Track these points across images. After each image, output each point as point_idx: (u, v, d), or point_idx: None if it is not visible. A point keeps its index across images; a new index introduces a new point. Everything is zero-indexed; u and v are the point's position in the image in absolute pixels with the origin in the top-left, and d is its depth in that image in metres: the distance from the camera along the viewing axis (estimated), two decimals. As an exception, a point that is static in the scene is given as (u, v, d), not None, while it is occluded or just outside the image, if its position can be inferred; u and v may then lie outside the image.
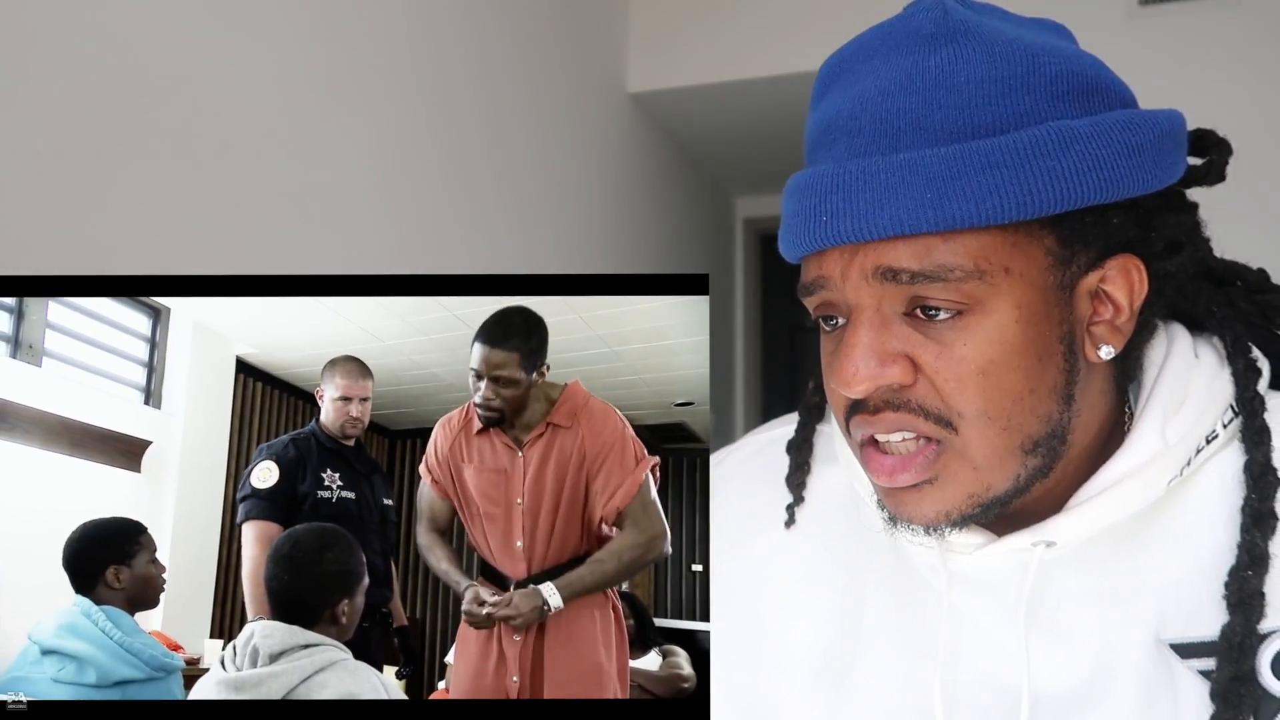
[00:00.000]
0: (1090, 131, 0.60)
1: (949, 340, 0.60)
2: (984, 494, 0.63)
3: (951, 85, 0.60)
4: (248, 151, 1.58)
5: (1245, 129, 2.72)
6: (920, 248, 0.59)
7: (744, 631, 0.78)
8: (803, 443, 0.79)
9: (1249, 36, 2.53)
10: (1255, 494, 0.64)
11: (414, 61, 2.02)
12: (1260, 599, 0.62)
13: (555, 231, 2.57)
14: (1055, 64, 0.61)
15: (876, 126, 0.61)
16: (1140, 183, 0.61)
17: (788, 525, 0.78)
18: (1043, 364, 0.61)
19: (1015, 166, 0.58)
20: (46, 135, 1.24)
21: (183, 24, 1.45)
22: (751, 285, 4.22)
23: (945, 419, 0.61)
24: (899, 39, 0.63)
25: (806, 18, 2.79)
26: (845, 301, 0.63)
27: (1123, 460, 0.65)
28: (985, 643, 0.68)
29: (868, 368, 0.61)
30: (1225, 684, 0.62)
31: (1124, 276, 0.63)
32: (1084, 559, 0.67)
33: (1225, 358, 0.68)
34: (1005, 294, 0.60)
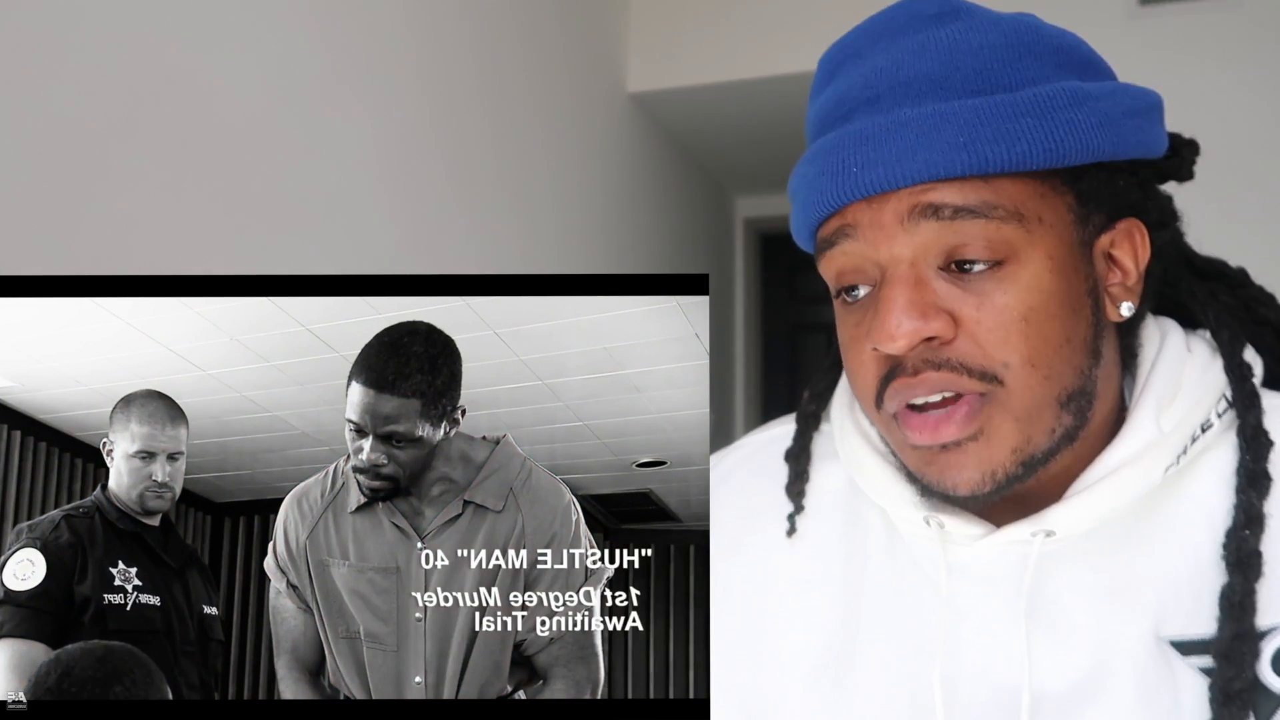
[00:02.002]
0: (1098, 92, 0.64)
1: (988, 291, 0.62)
2: (1026, 448, 0.63)
3: (966, 49, 0.64)
4: (247, 151, 1.61)
5: (1245, 129, 2.73)
6: (962, 185, 0.62)
7: (744, 630, 0.78)
8: (800, 451, 0.80)
9: (1249, 36, 2.61)
10: (1249, 455, 0.66)
11: (414, 62, 2.07)
12: (1258, 558, 0.63)
13: (555, 231, 2.59)
14: (1054, 38, 0.66)
15: (896, 91, 0.64)
16: (1141, 145, 0.66)
17: (789, 535, 0.78)
18: (1076, 315, 0.64)
19: (1038, 116, 0.62)
20: (46, 135, 1.26)
21: (183, 23, 1.48)
22: (751, 285, 4.26)
23: (989, 372, 0.62)
24: (903, 21, 0.66)
25: (806, 18, 2.89)
26: (876, 259, 0.64)
27: (1119, 449, 0.66)
28: (985, 637, 0.69)
29: (910, 320, 0.61)
30: (1227, 644, 0.63)
31: (1129, 240, 0.67)
32: (1083, 554, 0.68)
33: (1215, 348, 0.71)
34: (1039, 244, 0.62)
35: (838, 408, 0.78)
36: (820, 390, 0.82)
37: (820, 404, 0.81)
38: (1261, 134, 2.53)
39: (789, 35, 2.87)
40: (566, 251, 2.62)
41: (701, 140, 3.53)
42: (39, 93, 1.24)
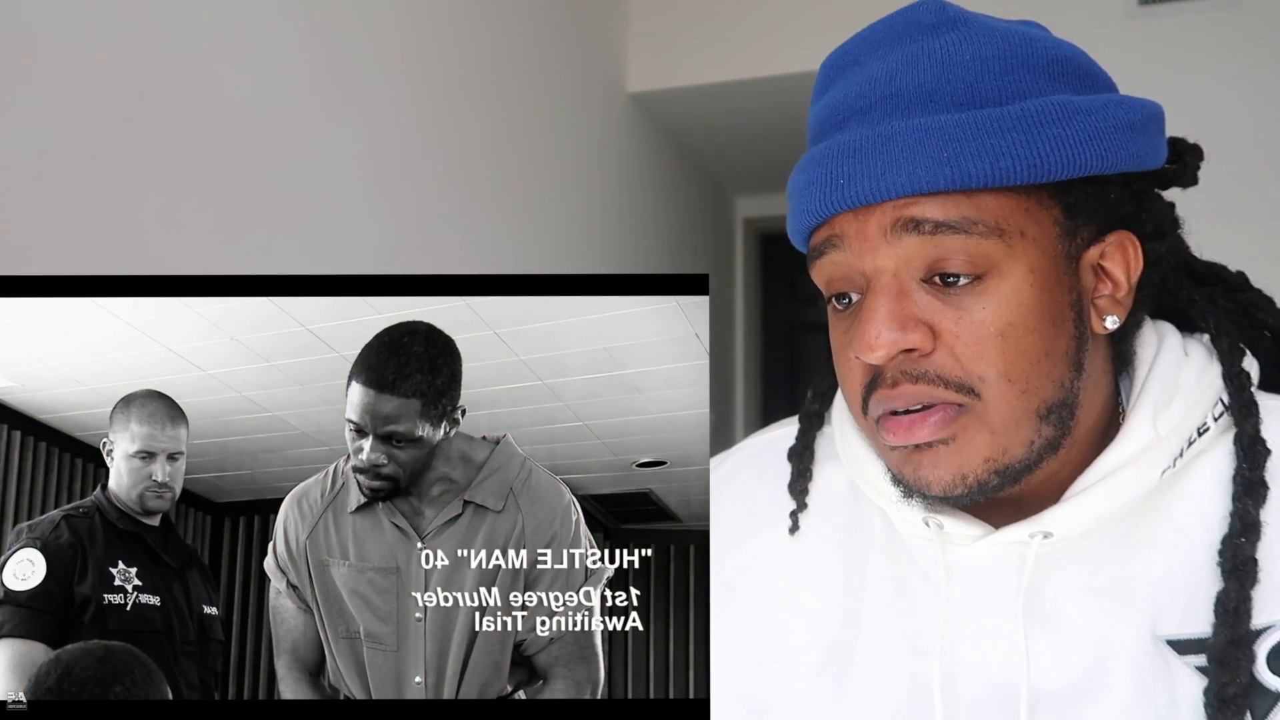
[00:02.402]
0: (1089, 106, 0.64)
1: (968, 305, 0.63)
2: (1000, 459, 0.64)
3: (958, 61, 0.64)
4: (247, 151, 1.61)
5: (1245, 129, 2.72)
6: (944, 200, 0.62)
7: (745, 630, 0.78)
8: (804, 450, 0.80)
9: (1249, 36, 2.60)
10: (1246, 463, 0.66)
11: (414, 62, 2.07)
12: (1253, 565, 0.64)
13: (554, 232, 2.59)
14: (1051, 49, 0.66)
15: (887, 102, 0.65)
16: (1133, 159, 0.66)
17: (792, 532, 0.79)
18: (1056, 329, 0.64)
19: (1025, 131, 0.62)
20: (44, 135, 1.26)
21: (183, 22, 1.48)
22: (751, 285, 4.26)
23: (966, 385, 0.63)
24: (901, 30, 0.67)
25: (806, 18, 2.89)
26: (861, 270, 0.65)
27: (1117, 451, 0.67)
28: (983, 637, 0.70)
29: (889, 332, 0.62)
30: (1222, 649, 0.63)
31: (1120, 252, 0.67)
32: (1081, 555, 0.68)
33: (1212, 352, 0.71)
34: (1020, 258, 0.63)
35: (839, 409, 0.78)
36: (823, 390, 0.82)
37: (824, 403, 0.82)
38: (1260, 134, 2.52)
39: (789, 35, 2.87)
40: (566, 252, 2.62)
41: (701, 140, 3.53)
42: (38, 93, 1.24)
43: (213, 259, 1.48)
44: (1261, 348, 0.74)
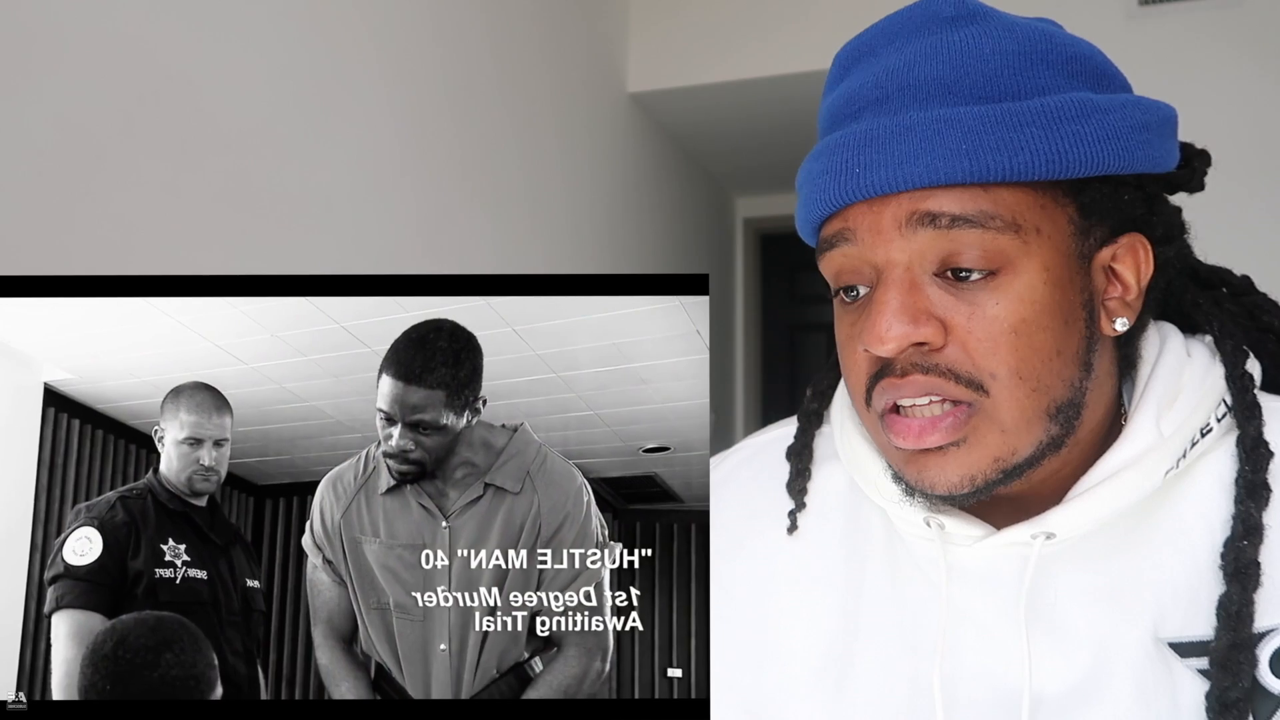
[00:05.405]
0: (1107, 105, 0.63)
1: (981, 301, 0.62)
2: (1009, 458, 0.64)
3: (977, 54, 0.63)
4: (247, 151, 1.61)
5: (1244, 129, 2.72)
6: (960, 193, 0.61)
7: (745, 632, 0.78)
8: (803, 449, 0.80)
9: (1249, 36, 2.60)
10: (1249, 466, 0.66)
11: (413, 62, 2.06)
12: (1256, 568, 0.63)
13: (555, 231, 2.59)
14: (1069, 46, 0.66)
15: (905, 92, 0.64)
16: (1149, 160, 0.65)
17: (790, 531, 0.79)
18: (1068, 328, 0.63)
19: (1044, 126, 0.61)
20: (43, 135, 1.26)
21: (183, 22, 1.49)
22: (751, 285, 4.26)
23: (976, 381, 0.62)
24: (919, 22, 0.66)
25: (806, 18, 2.87)
26: (873, 262, 0.64)
27: (1120, 452, 0.66)
28: (984, 638, 0.69)
29: (900, 325, 0.62)
30: (1224, 653, 0.63)
31: (1132, 255, 0.66)
32: (1083, 556, 0.68)
33: (1215, 353, 0.71)
34: (1035, 255, 0.62)
35: (839, 408, 0.79)
36: (823, 389, 0.82)
37: (823, 402, 0.82)
38: (1261, 134, 2.46)
39: (789, 35, 2.87)
40: (566, 251, 2.61)
41: (701, 140, 3.52)
42: (39, 92, 1.24)
43: (211, 259, 1.49)
44: (1266, 350, 0.73)
